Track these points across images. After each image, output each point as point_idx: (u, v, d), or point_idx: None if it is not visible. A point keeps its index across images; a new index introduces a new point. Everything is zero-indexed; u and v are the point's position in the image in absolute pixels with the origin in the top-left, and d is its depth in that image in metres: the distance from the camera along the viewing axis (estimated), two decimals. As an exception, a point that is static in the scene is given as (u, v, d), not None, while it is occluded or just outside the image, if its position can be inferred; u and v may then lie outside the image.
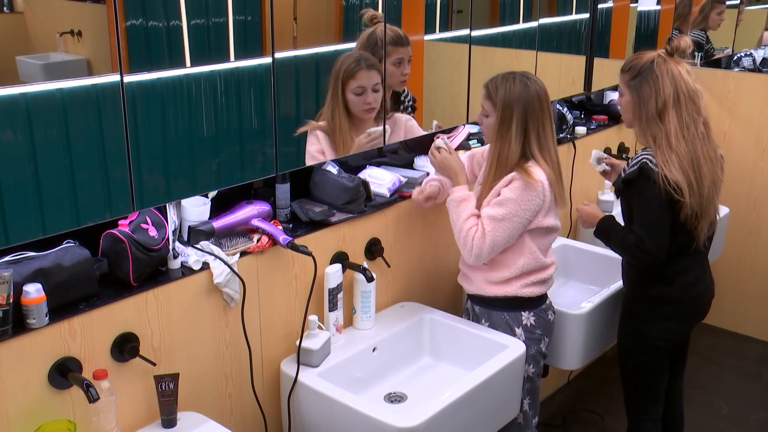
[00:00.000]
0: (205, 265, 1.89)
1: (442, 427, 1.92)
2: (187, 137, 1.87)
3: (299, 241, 2.04)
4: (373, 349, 2.24)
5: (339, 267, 2.16)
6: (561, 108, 3.19)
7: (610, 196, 3.30)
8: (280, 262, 2.06)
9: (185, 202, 1.95)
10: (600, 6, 3.35)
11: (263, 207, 2.07)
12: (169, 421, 1.80)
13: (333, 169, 2.26)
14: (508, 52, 2.98)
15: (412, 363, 2.35)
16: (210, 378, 1.97)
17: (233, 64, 1.93)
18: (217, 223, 1.98)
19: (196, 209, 1.95)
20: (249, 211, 2.04)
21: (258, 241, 2.00)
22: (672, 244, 2.25)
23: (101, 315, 1.70)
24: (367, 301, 2.26)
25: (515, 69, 2.25)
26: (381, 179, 2.37)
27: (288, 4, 2.07)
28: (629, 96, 2.32)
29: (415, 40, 2.48)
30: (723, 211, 3.41)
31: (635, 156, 2.31)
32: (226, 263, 1.90)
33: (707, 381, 3.61)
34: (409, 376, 2.30)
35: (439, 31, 2.63)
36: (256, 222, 2.03)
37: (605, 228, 2.40)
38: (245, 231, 2.03)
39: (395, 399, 2.20)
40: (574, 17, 3.28)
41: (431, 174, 2.42)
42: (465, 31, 2.69)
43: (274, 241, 2.01)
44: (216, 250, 1.92)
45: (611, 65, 3.45)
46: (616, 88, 3.51)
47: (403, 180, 2.43)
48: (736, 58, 4.24)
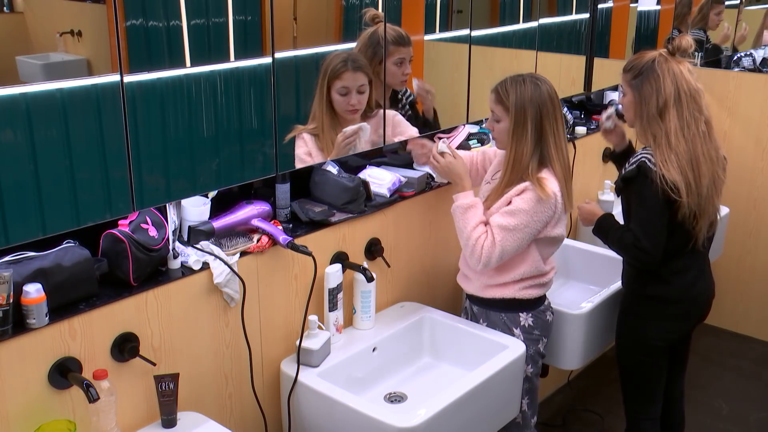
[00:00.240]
0: (205, 265, 1.89)
1: (442, 427, 1.92)
2: (187, 137, 1.87)
3: (299, 241, 2.04)
4: (373, 349, 2.24)
5: (339, 267, 2.16)
6: (561, 108, 3.19)
7: (610, 196, 3.30)
8: (280, 262, 2.06)
9: (185, 202, 1.95)
10: (600, 6, 3.35)
11: (263, 207, 2.07)
12: (169, 421, 1.80)
13: (333, 169, 2.26)
14: (508, 52, 2.98)
15: (412, 363, 2.35)
16: (210, 378, 1.97)
17: (233, 64, 1.93)
18: (217, 223, 1.98)
19: (196, 209, 1.95)
20: (249, 211, 2.04)
21: (258, 241, 2.00)
22: (670, 243, 2.25)
23: (101, 315, 1.70)
24: (367, 301, 2.26)
25: (515, 69, 2.25)
26: (381, 179, 2.37)
27: (288, 4, 2.07)
28: (631, 95, 2.32)
29: (415, 40, 2.48)
30: (723, 211, 3.41)
31: (635, 155, 2.31)
32: (226, 263, 1.90)
33: (707, 381, 3.61)
34: (409, 376, 2.30)
35: (439, 31, 2.63)
36: (256, 222, 2.03)
37: (604, 226, 2.40)
38: (245, 231, 2.03)
39: (395, 399, 2.20)
40: (574, 17, 3.28)
41: None
42: (465, 31, 2.69)
43: (274, 241, 2.01)
44: (216, 250, 1.92)
45: (611, 65, 3.45)
46: (616, 88, 3.54)
47: (403, 180, 2.43)
48: (736, 58, 4.24)
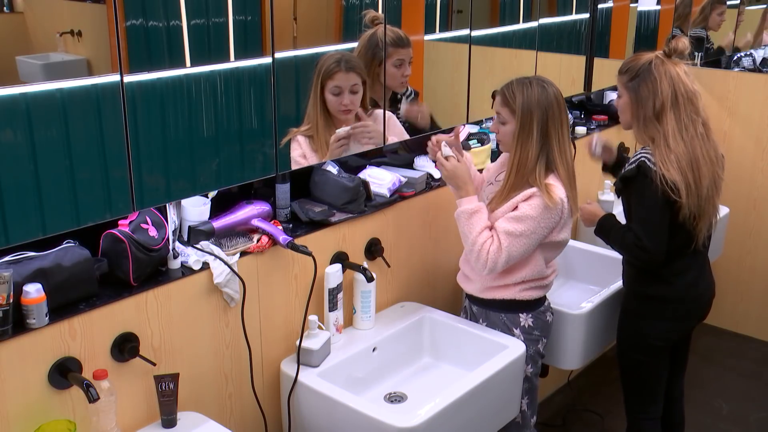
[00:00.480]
0: (205, 265, 1.89)
1: (442, 427, 1.92)
2: (187, 137, 1.87)
3: (299, 241, 2.04)
4: (373, 349, 2.24)
5: (339, 267, 2.16)
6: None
7: (610, 196, 3.30)
8: (280, 262, 2.06)
9: (185, 202, 1.95)
10: (600, 6, 3.35)
11: (263, 207, 2.07)
12: (169, 421, 1.80)
13: (333, 169, 2.26)
14: (508, 52, 2.97)
15: (412, 363, 2.35)
16: (210, 378, 1.97)
17: (233, 64, 1.93)
18: (217, 223, 1.98)
19: (196, 209, 1.95)
20: (249, 211, 2.04)
21: (258, 241, 2.00)
22: (671, 244, 2.25)
23: (101, 315, 1.70)
24: (367, 301, 2.26)
25: (515, 69, 2.25)
26: (381, 179, 2.37)
27: (288, 4, 2.07)
28: (627, 97, 2.32)
29: (415, 40, 2.48)
30: (723, 211, 3.41)
31: (634, 154, 2.31)
32: (226, 263, 1.90)
33: (707, 381, 3.61)
34: (409, 376, 2.30)
35: (439, 31, 2.63)
36: (256, 222, 2.03)
37: (605, 226, 2.40)
38: (245, 231, 2.03)
39: (395, 399, 2.20)
40: (574, 17, 3.28)
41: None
42: (465, 31, 2.69)
43: (274, 241, 2.01)
44: (216, 250, 1.92)
45: (611, 65, 3.45)
46: (615, 88, 3.54)
47: (403, 180, 2.43)
48: (736, 58, 4.24)
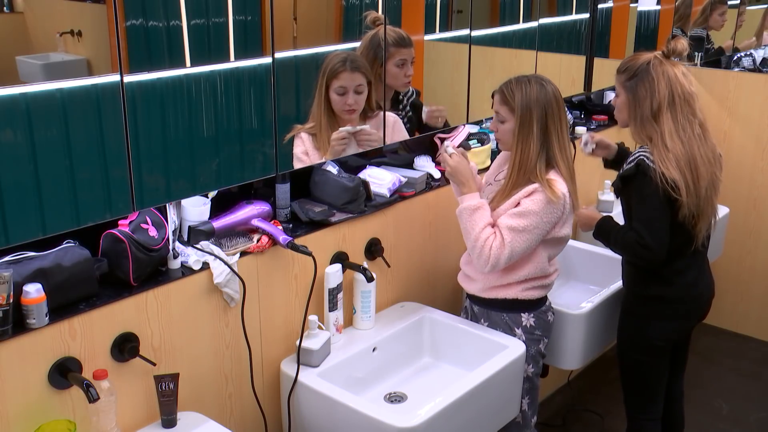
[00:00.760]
0: (205, 265, 1.89)
1: (442, 427, 1.92)
2: (187, 137, 1.87)
3: (299, 241, 2.04)
4: (373, 349, 2.24)
5: (339, 267, 2.16)
6: (561, 108, 3.19)
7: (610, 196, 3.30)
8: (280, 262, 2.06)
9: (185, 202, 1.95)
10: (600, 6, 3.35)
11: (263, 207, 2.07)
12: (169, 421, 1.80)
13: (333, 169, 2.26)
14: (508, 52, 2.97)
15: (412, 363, 2.35)
16: (210, 378, 1.97)
17: (233, 64, 1.93)
18: (217, 223, 1.98)
19: (196, 209, 1.95)
20: (249, 211, 2.04)
21: (258, 241, 2.00)
22: (670, 244, 2.25)
23: (101, 315, 1.70)
24: (367, 301, 2.26)
25: (515, 69, 2.25)
26: (381, 179, 2.37)
27: (288, 4, 2.07)
28: (624, 96, 2.33)
29: (415, 40, 2.48)
30: (723, 211, 3.41)
31: (632, 153, 2.31)
32: (226, 263, 1.90)
33: (707, 381, 3.61)
34: (409, 376, 2.30)
35: (439, 31, 2.63)
36: (256, 222, 2.03)
37: (605, 228, 2.40)
38: (245, 231, 2.03)
39: (395, 399, 2.20)
40: (574, 17, 3.28)
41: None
42: (465, 31, 2.69)
43: (274, 241, 2.01)
44: (216, 250, 1.92)
45: (611, 65, 3.44)
46: (615, 88, 3.54)
47: (403, 180, 2.43)
48: (736, 58, 4.24)
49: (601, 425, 3.27)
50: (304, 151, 2.21)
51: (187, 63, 1.82)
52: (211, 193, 1.99)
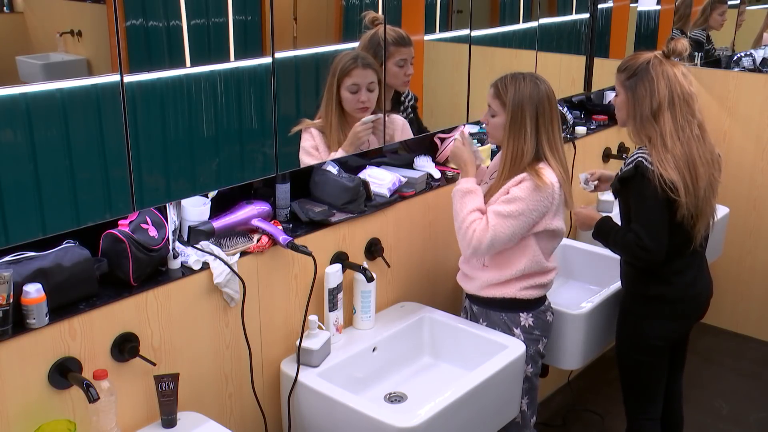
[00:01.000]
0: (205, 265, 1.89)
1: (442, 427, 1.92)
2: (187, 137, 1.87)
3: (299, 241, 2.04)
4: (373, 349, 2.24)
5: (339, 267, 2.16)
6: (561, 108, 3.19)
7: (610, 196, 3.29)
8: (280, 262, 2.06)
9: (185, 202, 1.95)
10: (600, 6, 3.35)
11: (263, 207, 2.07)
12: (169, 421, 1.80)
13: (333, 169, 2.26)
14: (508, 52, 2.98)
15: (412, 363, 2.35)
16: (210, 378, 1.97)
17: (233, 64, 1.93)
18: (217, 223, 1.98)
19: (196, 209, 1.95)
20: (249, 211, 2.04)
21: (258, 241, 2.00)
22: (669, 244, 2.25)
23: (101, 315, 1.70)
24: (367, 301, 2.26)
25: (515, 69, 2.25)
26: (381, 179, 2.37)
27: (288, 4, 2.07)
28: (624, 95, 2.33)
29: (415, 40, 2.48)
30: (723, 211, 3.41)
31: (631, 155, 2.31)
32: (226, 263, 1.90)
33: (707, 381, 3.61)
34: (409, 376, 2.30)
35: (439, 31, 2.63)
36: (256, 222, 2.03)
37: (604, 229, 2.40)
38: (245, 231, 2.03)
39: (395, 399, 2.20)
40: (574, 17, 3.28)
41: None
42: (465, 31, 2.69)
43: (274, 241, 2.01)
44: (216, 250, 1.92)
45: (611, 65, 3.44)
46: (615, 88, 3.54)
47: (403, 180, 2.43)
48: (736, 58, 4.24)
49: (601, 425, 3.27)
50: (314, 146, 2.23)
51: (187, 63, 1.83)
52: (211, 193, 1.99)
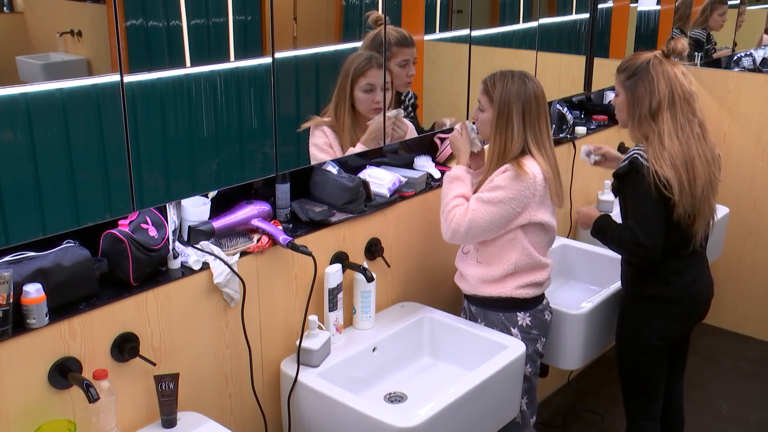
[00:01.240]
0: (205, 265, 1.89)
1: (442, 427, 1.92)
2: (187, 137, 1.87)
3: (299, 241, 2.04)
4: (373, 349, 2.24)
5: (339, 267, 2.16)
6: (561, 108, 3.19)
7: (610, 195, 3.29)
8: (280, 262, 2.06)
9: (185, 202, 1.95)
10: (600, 6, 3.35)
11: (263, 207, 2.07)
12: (169, 421, 1.80)
13: (333, 169, 2.27)
14: (508, 52, 2.98)
15: (412, 363, 2.35)
16: (210, 378, 1.97)
17: (233, 64, 1.93)
18: (217, 223, 1.98)
19: (196, 209, 1.95)
20: (249, 211, 2.04)
21: (258, 241, 2.00)
22: (667, 243, 2.25)
23: (101, 315, 1.70)
24: (367, 301, 2.26)
25: (515, 69, 2.25)
26: (381, 179, 2.37)
27: (288, 4, 2.07)
28: (624, 95, 2.33)
29: (416, 40, 2.48)
30: (723, 211, 3.41)
31: (628, 152, 2.32)
32: (226, 263, 1.90)
33: (707, 381, 3.61)
34: (409, 376, 2.30)
35: (439, 31, 2.63)
36: (256, 222, 2.03)
37: (601, 227, 2.40)
38: (245, 231, 2.03)
39: (395, 399, 2.20)
40: (574, 17, 3.28)
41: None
42: (465, 31, 2.69)
43: (274, 241, 2.01)
44: (216, 250, 1.92)
45: (611, 65, 3.44)
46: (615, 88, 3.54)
47: (403, 180, 2.43)
48: (736, 58, 4.24)
49: (601, 425, 3.27)
50: (327, 143, 2.24)
51: (187, 63, 1.82)
52: (211, 193, 1.99)
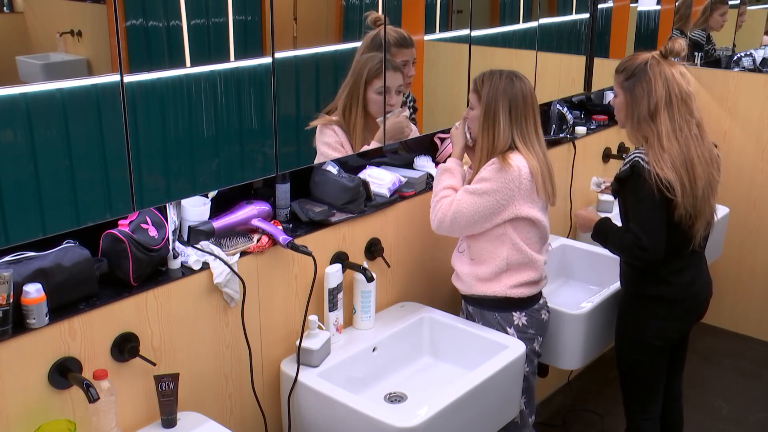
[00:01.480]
0: (205, 265, 1.89)
1: (442, 427, 1.92)
2: (187, 137, 1.87)
3: (299, 241, 2.04)
4: (373, 349, 2.24)
5: (339, 267, 2.16)
6: (561, 108, 3.19)
7: (609, 196, 3.29)
8: (280, 262, 2.06)
9: (185, 202, 1.95)
10: (600, 6, 3.35)
11: (263, 207, 2.07)
12: (169, 421, 1.80)
13: (333, 169, 2.27)
14: (508, 52, 2.98)
15: (412, 363, 2.35)
16: (210, 378, 1.97)
17: (233, 64, 1.93)
18: (217, 223, 1.98)
19: (196, 209, 1.95)
20: (249, 211, 2.04)
21: (258, 241, 2.00)
22: (668, 243, 2.25)
23: (101, 315, 1.70)
24: (367, 301, 2.26)
25: (515, 69, 2.25)
26: (381, 179, 2.37)
27: (288, 4, 2.07)
28: (622, 97, 2.34)
29: (415, 40, 2.48)
30: (723, 211, 3.41)
31: (628, 155, 2.32)
32: (226, 263, 1.90)
33: (707, 381, 3.61)
34: (409, 376, 2.30)
35: (439, 31, 2.63)
36: (256, 222, 2.03)
37: (602, 230, 2.40)
38: (245, 231, 2.03)
39: (395, 399, 2.20)
40: (574, 17, 3.28)
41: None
42: (465, 31, 2.69)
43: (274, 241, 2.01)
44: (216, 250, 1.92)
45: (611, 65, 3.42)
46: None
47: (403, 180, 2.43)
48: (736, 58, 4.24)
49: (601, 425, 3.27)
50: (338, 142, 2.26)
51: (187, 63, 1.82)
52: (211, 193, 1.99)
